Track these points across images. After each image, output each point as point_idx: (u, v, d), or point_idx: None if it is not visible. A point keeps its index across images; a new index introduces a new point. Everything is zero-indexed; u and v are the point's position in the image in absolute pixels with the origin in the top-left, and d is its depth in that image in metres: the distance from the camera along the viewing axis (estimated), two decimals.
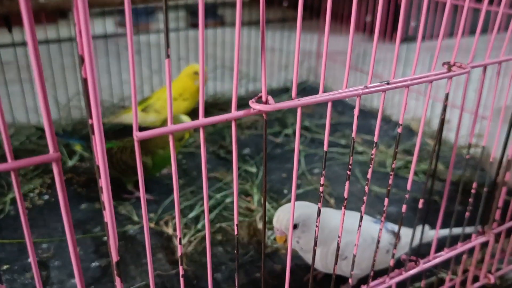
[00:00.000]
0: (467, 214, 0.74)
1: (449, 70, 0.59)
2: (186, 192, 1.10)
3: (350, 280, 0.61)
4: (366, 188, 0.57)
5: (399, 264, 0.70)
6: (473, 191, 0.73)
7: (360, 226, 0.59)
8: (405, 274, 0.68)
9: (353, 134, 0.51)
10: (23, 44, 1.42)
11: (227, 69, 1.90)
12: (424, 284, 0.84)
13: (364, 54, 1.80)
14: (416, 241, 0.81)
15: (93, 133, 0.35)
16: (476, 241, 0.80)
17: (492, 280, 0.86)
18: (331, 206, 1.07)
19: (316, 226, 0.55)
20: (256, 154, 1.29)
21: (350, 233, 0.77)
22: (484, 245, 0.82)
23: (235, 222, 0.46)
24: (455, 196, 0.73)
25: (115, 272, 0.42)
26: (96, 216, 1.02)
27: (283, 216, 0.74)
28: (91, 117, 0.35)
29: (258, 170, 1.21)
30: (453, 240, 0.76)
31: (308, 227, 0.75)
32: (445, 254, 0.75)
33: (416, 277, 0.79)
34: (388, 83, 0.53)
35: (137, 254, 0.91)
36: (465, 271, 0.86)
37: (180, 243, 0.46)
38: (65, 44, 1.62)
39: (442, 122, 0.62)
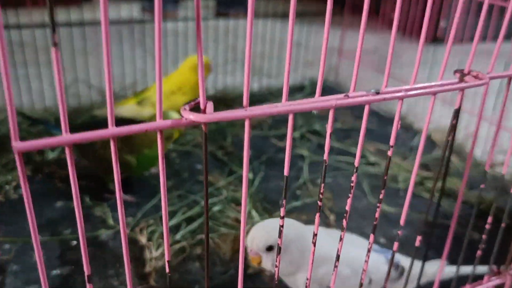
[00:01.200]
0: (478, 252, 0.62)
1: (461, 80, 0.47)
2: (173, 195, 1.00)
3: None
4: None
5: None
6: (487, 226, 0.61)
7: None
8: None
9: (325, 156, 0.40)
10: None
11: (240, 62, 1.79)
12: None
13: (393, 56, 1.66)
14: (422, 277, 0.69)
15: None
16: (489, 283, 0.67)
17: None
18: (330, 223, 0.96)
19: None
20: (257, 158, 1.18)
21: (335, 261, 0.65)
22: (499, 287, 0.70)
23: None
24: (475, 222, 0.61)
25: None
26: (71, 215, 0.94)
27: (257, 236, 0.64)
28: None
29: (255, 176, 1.10)
30: (460, 280, 0.64)
31: (286, 250, 0.64)
32: None
33: None
34: (377, 93, 0.41)
35: (104, 264, 0.82)
36: None
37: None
38: (63, 29, 1.53)
39: (452, 140, 0.50)
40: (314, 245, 0.43)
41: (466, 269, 0.68)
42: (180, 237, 0.88)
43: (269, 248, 0.63)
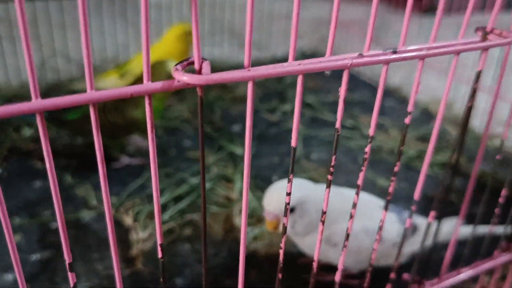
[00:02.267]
0: (492, 222, 0.58)
1: (484, 38, 0.42)
2: (160, 174, 0.94)
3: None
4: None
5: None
6: (500, 200, 0.56)
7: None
8: None
9: (337, 124, 0.35)
10: None
11: (227, 33, 1.72)
12: None
13: (385, 26, 1.60)
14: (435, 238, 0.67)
15: None
16: (498, 258, 0.63)
17: None
18: None
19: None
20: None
21: (348, 218, 0.63)
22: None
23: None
24: (476, 196, 0.57)
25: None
26: (51, 196, 0.87)
27: (277, 198, 0.61)
28: None
29: None
30: (471, 255, 0.60)
31: (306, 211, 0.63)
32: (458, 276, 0.59)
33: None
34: (394, 52, 0.36)
35: (88, 247, 0.77)
36: None
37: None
38: (39, 2, 1.44)
39: (469, 110, 0.45)
40: (325, 213, 0.38)
41: (482, 229, 0.65)
42: (168, 218, 0.83)
43: (291, 210, 0.61)
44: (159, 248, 0.35)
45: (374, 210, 0.68)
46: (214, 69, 0.27)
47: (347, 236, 0.42)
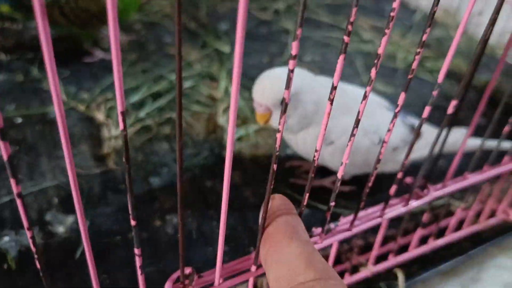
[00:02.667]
0: (506, 129, 0.51)
1: None
2: (136, 70, 0.86)
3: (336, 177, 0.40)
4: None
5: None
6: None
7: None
8: (404, 208, 0.46)
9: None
10: None
11: None
12: (427, 213, 0.63)
13: None
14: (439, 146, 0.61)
15: None
16: (507, 166, 0.57)
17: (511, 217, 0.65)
18: None
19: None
20: (235, 31, 1.03)
21: (346, 114, 0.56)
22: None
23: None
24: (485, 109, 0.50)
25: None
26: (14, 90, 0.79)
27: (270, 88, 0.53)
28: None
29: (233, 50, 0.95)
30: (478, 165, 0.54)
31: (300, 102, 0.55)
32: (463, 182, 0.53)
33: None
34: None
35: (54, 144, 0.70)
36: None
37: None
38: None
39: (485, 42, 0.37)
40: (331, 103, 0.31)
41: (490, 143, 0.59)
42: (145, 115, 0.75)
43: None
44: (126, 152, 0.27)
45: (376, 109, 0.61)
46: None
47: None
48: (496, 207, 0.65)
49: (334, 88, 0.28)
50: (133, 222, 0.29)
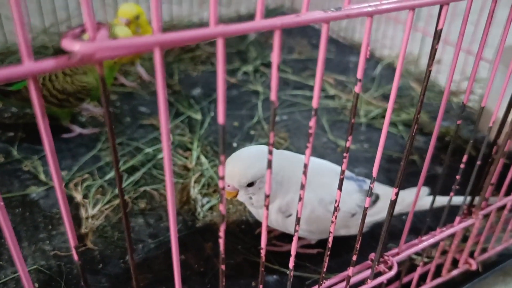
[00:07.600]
0: (451, 194, 0.56)
1: None
2: None
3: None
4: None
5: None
6: (462, 165, 0.54)
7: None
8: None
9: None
10: None
11: None
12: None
13: None
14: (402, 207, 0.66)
15: None
16: (460, 225, 0.62)
17: (474, 267, 0.69)
18: None
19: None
20: (207, 96, 1.08)
21: (307, 188, 0.61)
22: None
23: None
24: (438, 155, 0.54)
25: None
26: None
27: (239, 173, 0.58)
28: None
29: (204, 117, 1.00)
30: (436, 213, 0.58)
31: (264, 183, 0.59)
32: (419, 245, 0.58)
33: None
34: (337, 9, 0.32)
35: (35, 227, 0.73)
36: (443, 252, 0.69)
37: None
38: None
39: (428, 74, 0.42)
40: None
41: (443, 200, 0.64)
42: None
43: (250, 184, 0.58)
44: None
45: (332, 179, 0.65)
46: (174, 28, 0.23)
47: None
48: (458, 257, 0.69)
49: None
50: None
